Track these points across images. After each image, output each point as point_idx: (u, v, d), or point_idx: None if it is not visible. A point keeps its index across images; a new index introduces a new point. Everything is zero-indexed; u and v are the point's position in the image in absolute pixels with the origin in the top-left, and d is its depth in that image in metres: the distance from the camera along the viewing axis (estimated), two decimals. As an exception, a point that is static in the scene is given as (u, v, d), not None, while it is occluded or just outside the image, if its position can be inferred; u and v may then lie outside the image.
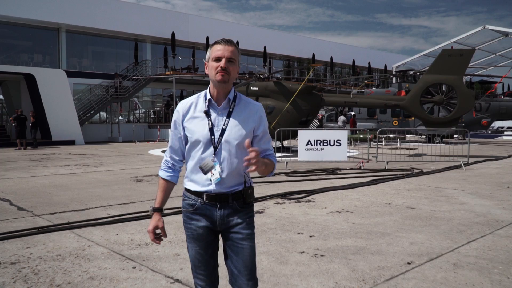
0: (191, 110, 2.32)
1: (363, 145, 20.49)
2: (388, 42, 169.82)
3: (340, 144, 11.93)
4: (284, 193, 7.84)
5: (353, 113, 26.05)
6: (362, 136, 20.71)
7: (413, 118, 22.61)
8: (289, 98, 16.23)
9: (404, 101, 15.99)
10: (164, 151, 2.55)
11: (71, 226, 5.54)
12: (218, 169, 2.25)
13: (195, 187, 2.31)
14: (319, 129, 16.91)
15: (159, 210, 2.37)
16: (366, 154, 13.93)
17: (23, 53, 28.42)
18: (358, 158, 14.29)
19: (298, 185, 9.03)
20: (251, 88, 17.03)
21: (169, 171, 2.41)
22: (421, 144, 21.53)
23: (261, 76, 18.15)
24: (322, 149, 11.93)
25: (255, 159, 2.09)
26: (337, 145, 11.92)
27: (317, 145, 11.96)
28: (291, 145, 17.29)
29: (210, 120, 2.27)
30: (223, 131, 2.26)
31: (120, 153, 17.61)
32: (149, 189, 8.51)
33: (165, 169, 2.42)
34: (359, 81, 40.73)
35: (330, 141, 11.93)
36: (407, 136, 25.94)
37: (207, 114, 2.28)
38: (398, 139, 22.34)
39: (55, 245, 4.79)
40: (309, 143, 11.98)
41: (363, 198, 7.62)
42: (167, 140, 3.91)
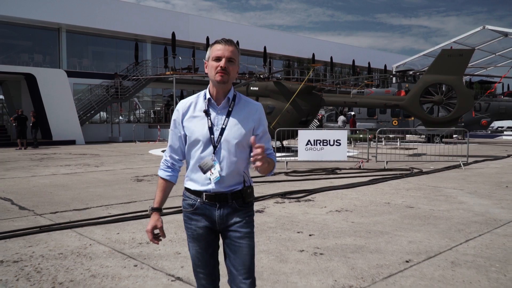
0: (191, 110, 2.32)
1: (362, 145, 20.52)
2: (388, 42, 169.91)
3: (340, 144, 11.97)
4: (284, 193, 7.89)
5: (353, 113, 26.10)
6: (361, 136, 20.74)
7: (412, 118, 22.64)
8: (289, 98, 16.26)
9: (404, 101, 16.03)
10: (165, 151, 2.58)
11: (73, 225, 5.59)
12: (218, 168, 2.24)
13: (194, 186, 2.31)
14: (319, 129, 16.91)
15: (158, 210, 2.35)
16: (366, 154, 13.96)
17: (24, 53, 28.46)
18: (357, 158, 14.33)
19: (298, 184, 9.07)
20: (251, 88, 17.04)
21: (169, 170, 2.40)
22: (420, 144, 21.57)
23: (261, 76, 18.17)
24: (322, 149, 11.97)
25: (260, 155, 2.09)
26: (336, 145, 11.96)
27: (317, 145, 12.00)
28: (291, 145, 17.32)
29: (210, 119, 2.27)
30: (222, 130, 2.26)
31: (121, 153, 17.64)
32: (149, 188, 8.56)
33: (164, 169, 2.40)
34: (359, 81, 40.76)
35: (330, 141, 11.97)
36: (407, 136, 25.98)
37: (206, 113, 2.28)
38: (398, 139, 22.38)
39: (57, 243, 4.84)
40: (309, 143, 12.02)
41: (362, 197, 7.66)
42: (167, 140, 3.92)
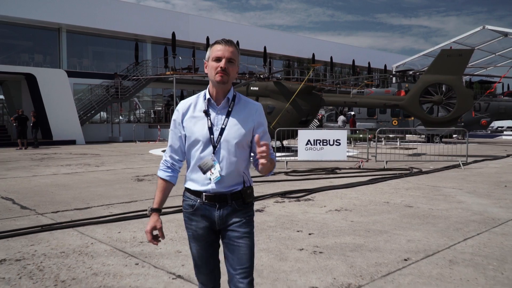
0: (191, 110, 2.32)
1: (362, 144, 20.57)
2: (388, 42, 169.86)
3: (340, 144, 12.01)
4: (284, 192, 7.93)
5: (352, 113, 26.14)
6: (361, 135, 20.78)
7: (412, 118, 22.68)
8: (289, 98, 16.30)
9: (404, 101, 16.07)
10: (165, 151, 2.58)
11: (74, 224, 5.63)
12: (218, 168, 2.25)
13: (194, 186, 2.31)
14: (319, 129, 16.96)
15: (157, 211, 2.34)
16: (366, 154, 14.00)
17: (24, 53, 28.52)
18: (357, 157, 14.38)
19: (298, 184, 9.11)
20: (251, 88, 17.08)
21: (168, 171, 2.39)
22: (420, 143, 21.61)
23: (261, 76, 18.21)
24: (322, 148, 12.01)
25: (266, 152, 2.11)
26: (336, 144, 12.00)
27: (316, 144, 12.04)
28: (291, 145, 17.36)
29: (210, 119, 2.27)
30: (222, 130, 2.26)
31: (121, 153, 17.69)
32: (150, 188, 8.60)
33: (164, 169, 2.39)
34: (359, 81, 40.79)
35: (329, 140, 12.01)
36: (407, 136, 26.03)
37: (206, 113, 2.29)
38: (398, 138, 22.42)
39: (58, 242, 4.88)
40: (308, 142, 12.06)
41: (362, 197, 7.70)
42: (167, 140, 3.94)
